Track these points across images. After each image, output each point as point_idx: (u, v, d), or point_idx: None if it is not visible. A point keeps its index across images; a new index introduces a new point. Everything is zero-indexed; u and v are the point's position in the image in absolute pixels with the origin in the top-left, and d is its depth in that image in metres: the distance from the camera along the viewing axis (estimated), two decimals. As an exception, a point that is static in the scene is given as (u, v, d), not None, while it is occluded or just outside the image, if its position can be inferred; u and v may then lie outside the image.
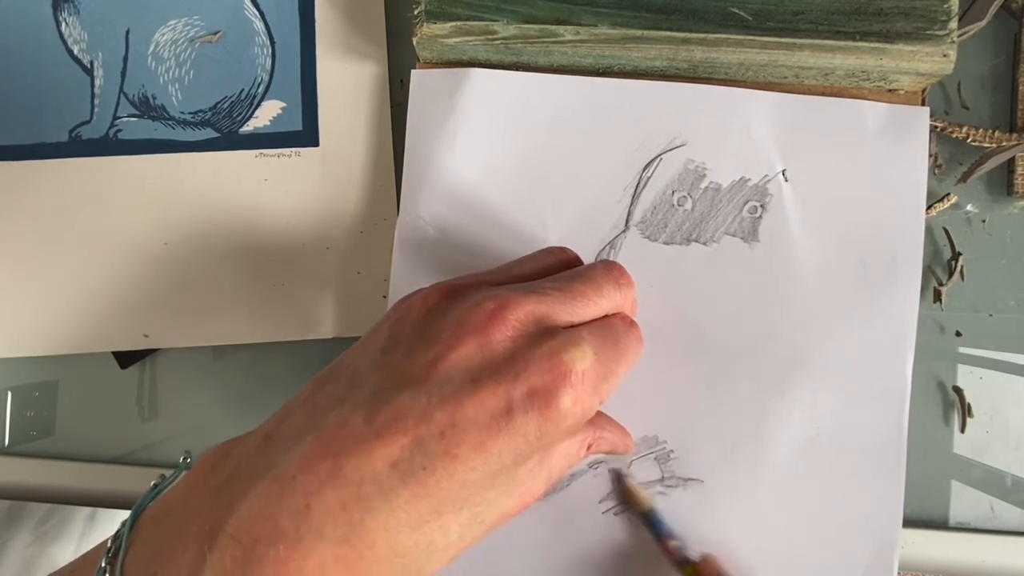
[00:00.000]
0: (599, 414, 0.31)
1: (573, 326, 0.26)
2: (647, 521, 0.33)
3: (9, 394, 0.38)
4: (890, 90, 0.35)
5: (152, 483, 0.28)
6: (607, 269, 0.28)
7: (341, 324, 0.37)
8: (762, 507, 0.34)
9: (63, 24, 0.38)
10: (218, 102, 0.37)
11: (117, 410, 0.38)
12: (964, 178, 0.37)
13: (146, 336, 0.37)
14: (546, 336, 0.25)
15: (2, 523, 0.36)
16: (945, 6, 0.32)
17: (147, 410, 0.38)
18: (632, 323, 0.28)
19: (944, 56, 0.32)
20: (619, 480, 0.34)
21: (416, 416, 0.23)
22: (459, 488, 0.23)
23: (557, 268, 0.29)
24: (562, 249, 0.30)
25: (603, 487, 0.34)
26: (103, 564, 0.25)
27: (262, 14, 0.38)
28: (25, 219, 0.37)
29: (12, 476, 0.37)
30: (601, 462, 0.34)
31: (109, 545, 0.25)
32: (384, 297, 0.37)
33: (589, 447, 0.30)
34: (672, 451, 0.34)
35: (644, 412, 0.34)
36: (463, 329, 0.24)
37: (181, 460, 0.28)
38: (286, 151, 0.37)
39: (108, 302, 0.37)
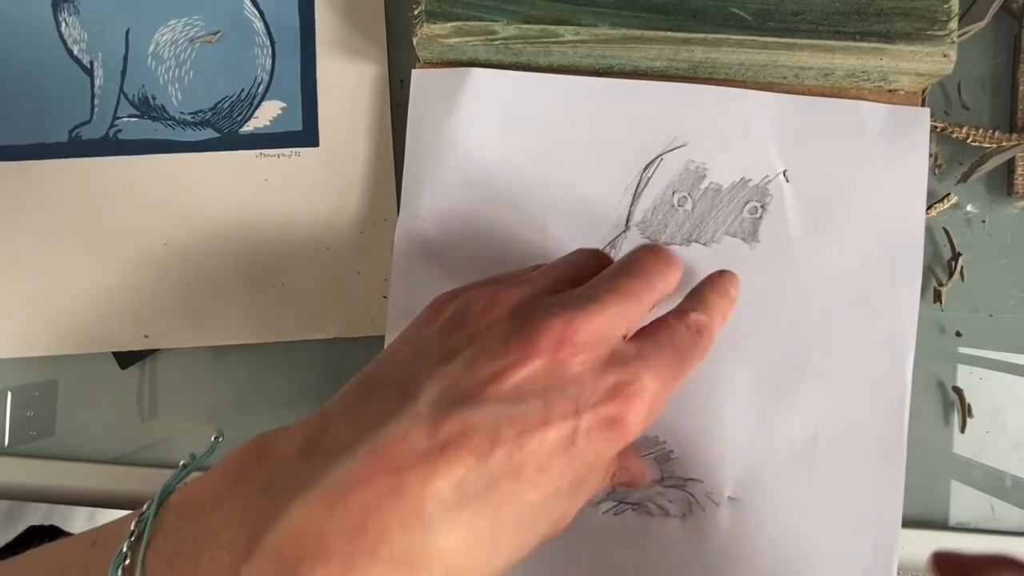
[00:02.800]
0: (625, 454, 0.30)
1: (635, 335, 0.26)
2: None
3: (9, 394, 0.38)
4: (890, 90, 0.35)
5: (181, 463, 0.27)
6: (654, 257, 0.27)
7: (341, 324, 0.37)
8: (761, 507, 0.34)
9: (63, 24, 0.38)
10: (218, 102, 0.37)
11: (117, 410, 0.38)
12: (964, 178, 0.37)
13: (146, 336, 0.37)
14: (612, 361, 0.24)
15: (2, 523, 0.36)
16: (945, 6, 0.32)
17: (147, 410, 0.38)
18: (699, 331, 0.27)
19: (944, 56, 0.32)
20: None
21: (482, 434, 0.22)
22: (516, 508, 0.23)
23: (597, 271, 0.28)
24: (595, 252, 0.30)
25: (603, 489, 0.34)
26: (124, 549, 0.24)
27: (262, 14, 0.38)
28: (25, 219, 0.37)
29: (12, 476, 0.37)
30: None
31: (132, 528, 0.25)
32: (384, 297, 0.37)
33: (612, 476, 0.29)
34: (672, 451, 0.34)
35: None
36: (531, 348, 0.24)
37: (212, 439, 0.27)
38: (286, 151, 0.37)
39: (108, 302, 0.37)
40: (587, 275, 0.28)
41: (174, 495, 0.26)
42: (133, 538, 0.24)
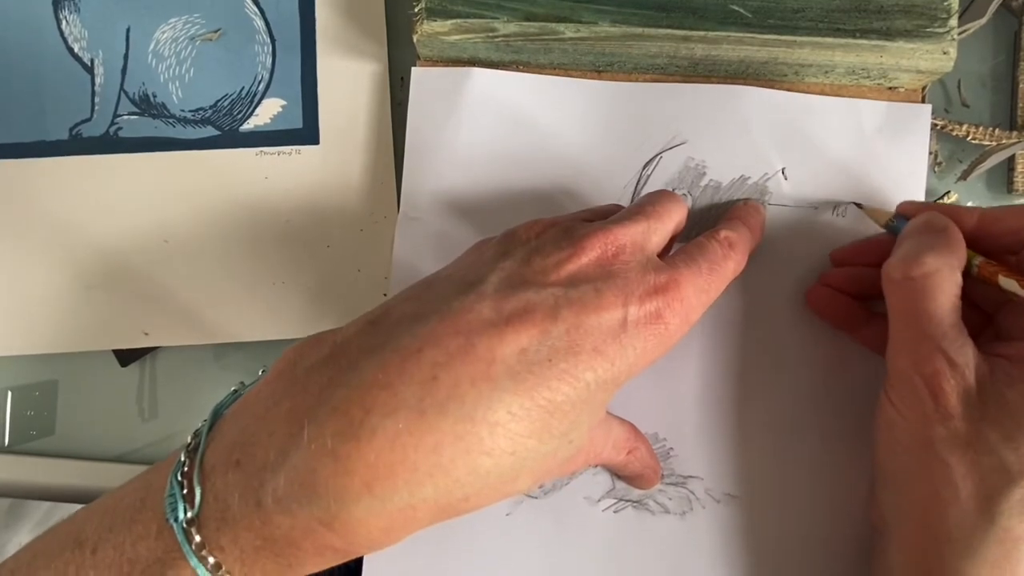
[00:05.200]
0: (643, 440, 0.32)
1: (666, 251, 0.29)
2: (891, 231, 0.32)
3: (9, 394, 0.38)
4: (890, 88, 0.35)
5: (232, 389, 0.27)
6: (664, 192, 0.30)
7: (341, 322, 0.37)
8: (761, 504, 0.34)
9: (63, 22, 0.38)
10: (218, 100, 0.37)
11: (117, 410, 0.38)
12: (964, 176, 0.37)
13: (146, 334, 0.37)
14: (650, 267, 0.26)
15: (2, 523, 0.36)
16: (945, 4, 0.33)
17: (147, 410, 0.38)
18: (731, 245, 0.29)
19: (944, 54, 0.32)
20: (858, 207, 0.34)
21: (544, 311, 0.24)
22: (572, 387, 0.24)
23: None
24: (614, 204, 0.33)
25: (603, 486, 0.34)
26: (182, 458, 0.24)
27: (262, 12, 0.38)
28: (25, 217, 0.37)
29: (12, 476, 0.37)
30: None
31: (189, 441, 0.25)
32: (384, 295, 0.37)
33: (629, 452, 0.31)
34: (672, 449, 0.34)
35: (644, 410, 0.34)
36: (579, 246, 0.26)
37: (260, 373, 0.27)
38: (286, 149, 0.37)
39: (108, 300, 0.37)
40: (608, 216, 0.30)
41: (228, 409, 0.26)
42: (190, 448, 0.25)
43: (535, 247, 0.27)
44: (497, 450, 0.23)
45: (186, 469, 0.24)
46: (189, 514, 0.23)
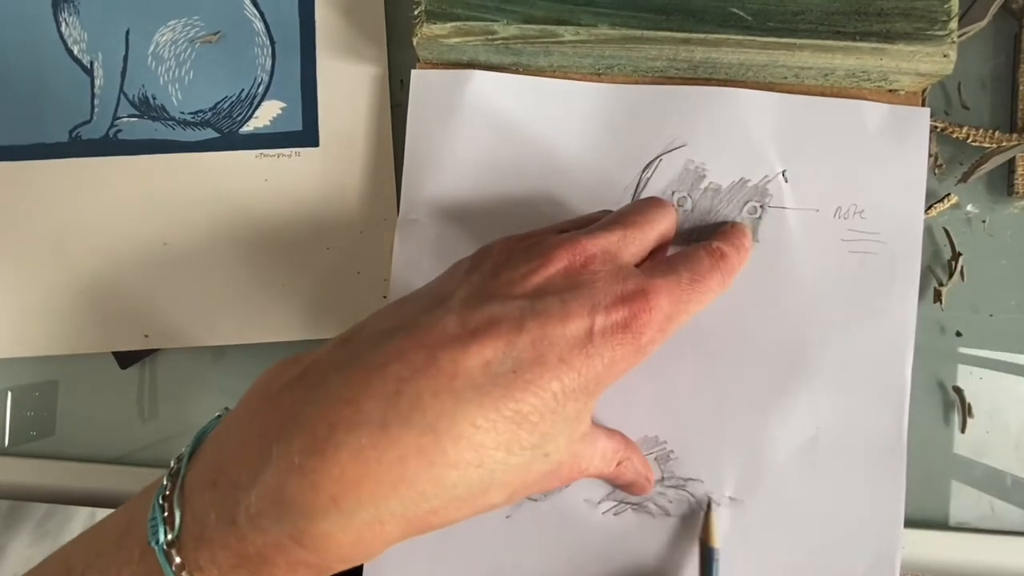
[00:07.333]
0: (634, 449, 0.32)
1: (651, 263, 0.28)
2: (705, 556, 0.33)
3: (9, 394, 0.38)
4: (890, 90, 0.35)
5: (216, 414, 0.28)
6: (650, 200, 0.30)
7: (341, 324, 0.37)
8: (762, 507, 0.34)
9: (63, 24, 0.38)
10: (218, 102, 0.37)
11: (117, 410, 0.38)
12: (964, 178, 0.37)
13: (146, 336, 0.37)
14: (622, 276, 0.26)
15: (2, 523, 0.36)
16: (945, 6, 0.32)
17: (147, 410, 0.38)
18: (722, 256, 0.29)
19: (944, 56, 0.32)
20: (708, 506, 0.33)
21: (509, 323, 0.24)
22: (539, 397, 0.24)
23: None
24: (601, 211, 0.33)
25: (603, 488, 0.34)
26: (164, 482, 0.25)
27: (262, 14, 0.38)
28: (25, 219, 0.37)
29: (12, 476, 0.37)
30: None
31: (172, 465, 0.26)
32: (384, 297, 0.37)
33: (619, 463, 0.30)
34: (672, 451, 0.34)
35: (644, 412, 0.34)
36: (547, 258, 0.26)
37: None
38: (286, 151, 0.37)
39: (108, 302, 0.37)
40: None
41: (209, 435, 0.26)
42: (172, 472, 0.25)
43: (504, 260, 0.27)
44: (462, 462, 0.23)
45: (167, 492, 0.24)
46: (169, 536, 0.23)
